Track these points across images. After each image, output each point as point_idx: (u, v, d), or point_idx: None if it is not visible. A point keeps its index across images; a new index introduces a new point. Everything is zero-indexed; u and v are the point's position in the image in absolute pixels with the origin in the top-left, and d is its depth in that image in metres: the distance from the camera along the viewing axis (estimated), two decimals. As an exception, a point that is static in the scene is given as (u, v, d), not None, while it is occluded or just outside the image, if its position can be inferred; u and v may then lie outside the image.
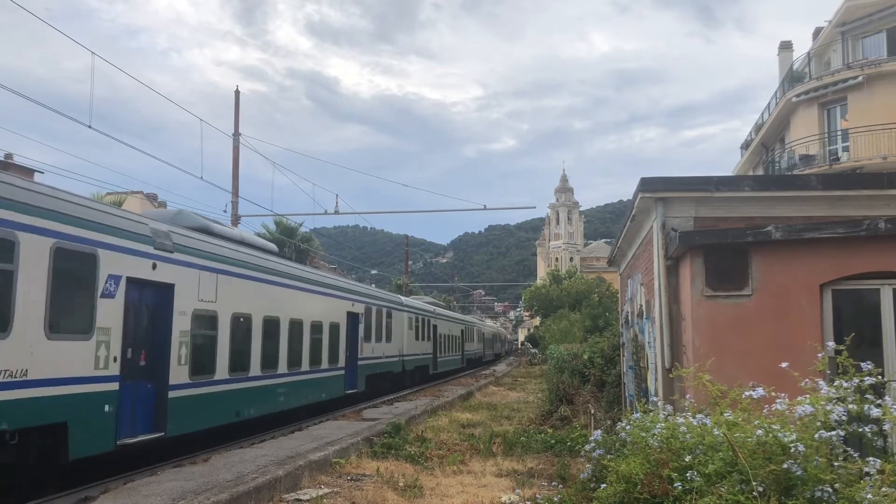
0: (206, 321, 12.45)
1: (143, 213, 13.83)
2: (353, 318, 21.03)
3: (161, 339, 11.27)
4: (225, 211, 25.39)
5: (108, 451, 9.81)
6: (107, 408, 9.65)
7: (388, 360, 25.73)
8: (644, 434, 6.13)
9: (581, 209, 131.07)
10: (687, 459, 5.40)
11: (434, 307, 37.34)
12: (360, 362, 21.48)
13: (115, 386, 9.89)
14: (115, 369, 9.90)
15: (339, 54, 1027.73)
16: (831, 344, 5.85)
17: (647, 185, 8.68)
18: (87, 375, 9.34)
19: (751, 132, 38.97)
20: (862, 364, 5.26)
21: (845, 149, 28.59)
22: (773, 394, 5.45)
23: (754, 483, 4.77)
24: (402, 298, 30.19)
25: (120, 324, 10.06)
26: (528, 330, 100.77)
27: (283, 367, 15.84)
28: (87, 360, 9.38)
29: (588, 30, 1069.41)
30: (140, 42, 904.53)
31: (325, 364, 18.37)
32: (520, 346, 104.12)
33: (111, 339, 9.84)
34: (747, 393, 5.49)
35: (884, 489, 4.54)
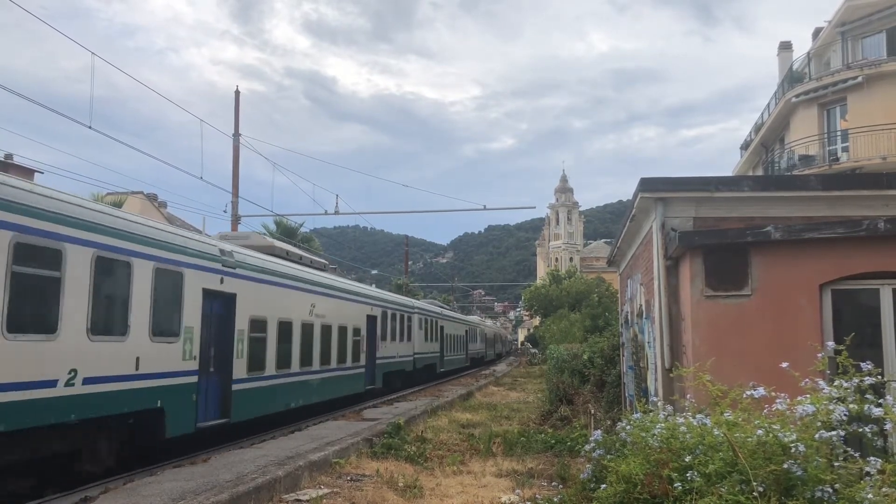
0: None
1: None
2: None
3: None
4: (225, 211, 25.37)
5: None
6: None
7: None
8: (644, 434, 6.13)
9: (581, 209, 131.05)
10: (687, 459, 5.40)
11: (233, 250, 13.73)
12: None
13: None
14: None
15: (336, 53, 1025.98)
16: (831, 344, 5.85)
17: (647, 185, 8.68)
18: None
19: (750, 132, 38.99)
20: (862, 364, 5.27)
21: (845, 149, 28.59)
22: (773, 394, 5.45)
23: (754, 483, 4.77)
24: None
25: None
26: (528, 330, 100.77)
27: None
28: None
29: (586, 29, 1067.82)
30: (137, 42, 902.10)
31: None
32: (520, 346, 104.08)
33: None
34: (748, 393, 5.49)
35: (884, 489, 4.54)
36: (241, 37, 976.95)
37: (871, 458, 4.85)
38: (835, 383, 5.25)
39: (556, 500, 7.69)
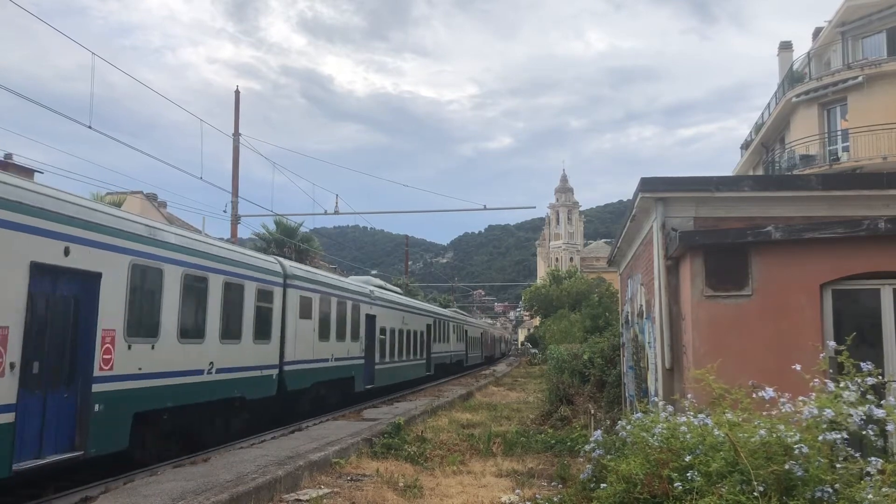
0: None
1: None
2: None
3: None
4: (225, 211, 25.36)
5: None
6: None
7: None
8: (644, 434, 6.13)
9: (581, 209, 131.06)
10: (687, 459, 5.40)
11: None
12: None
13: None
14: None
15: (332, 52, 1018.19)
16: (832, 343, 5.85)
17: (647, 185, 8.68)
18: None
19: (751, 132, 38.99)
20: (862, 364, 5.27)
21: (845, 149, 28.59)
22: (775, 394, 5.45)
23: (755, 483, 4.77)
24: None
25: None
26: (529, 330, 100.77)
27: None
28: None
29: (583, 28, 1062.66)
30: (133, 40, 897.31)
31: None
32: (520, 346, 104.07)
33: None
34: (759, 394, 5.48)
35: (884, 489, 4.54)
36: (236, 35, 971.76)
37: (872, 458, 4.85)
38: (841, 385, 5.25)
39: (556, 499, 7.69)
